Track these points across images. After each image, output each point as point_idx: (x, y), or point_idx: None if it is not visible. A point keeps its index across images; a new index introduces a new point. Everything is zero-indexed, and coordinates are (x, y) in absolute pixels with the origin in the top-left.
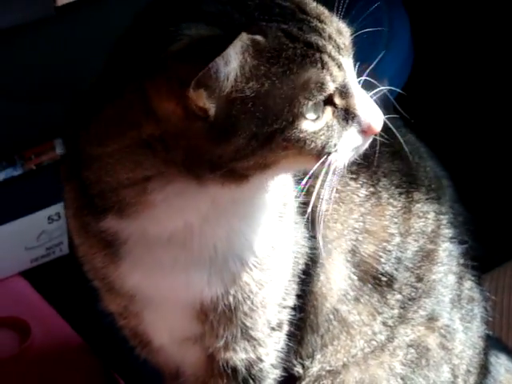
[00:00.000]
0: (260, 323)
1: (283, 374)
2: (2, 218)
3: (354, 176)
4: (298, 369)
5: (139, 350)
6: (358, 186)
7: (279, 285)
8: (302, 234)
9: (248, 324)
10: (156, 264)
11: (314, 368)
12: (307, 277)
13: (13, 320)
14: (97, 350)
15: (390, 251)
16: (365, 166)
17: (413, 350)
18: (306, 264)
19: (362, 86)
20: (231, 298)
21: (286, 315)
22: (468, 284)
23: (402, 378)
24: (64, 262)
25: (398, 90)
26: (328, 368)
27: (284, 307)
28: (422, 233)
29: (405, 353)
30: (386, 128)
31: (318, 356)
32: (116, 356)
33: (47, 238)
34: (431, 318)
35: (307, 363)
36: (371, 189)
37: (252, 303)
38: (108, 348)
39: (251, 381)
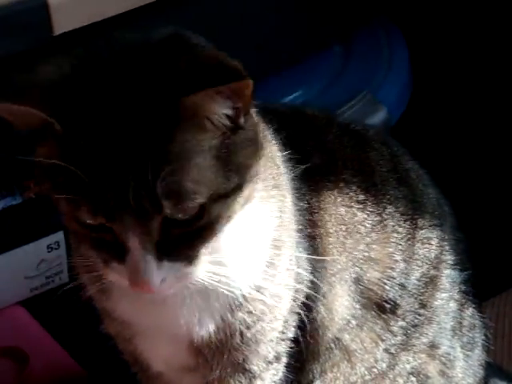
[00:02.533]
0: (255, 357)
1: None
2: (1, 246)
3: (361, 206)
4: None
5: (140, 376)
6: (365, 216)
7: (275, 319)
8: (303, 267)
9: (242, 358)
10: (144, 298)
11: None
12: (307, 308)
13: (12, 350)
14: (96, 379)
15: (394, 278)
16: (372, 194)
17: (413, 378)
18: (307, 297)
19: (363, 111)
20: (223, 335)
21: (284, 347)
22: (469, 311)
23: None
24: (64, 291)
25: (398, 115)
26: None
27: (283, 339)
28: (426, 259)
29: (405, 380)
30: (391, 154)
31: (317, 382)
32: None
33: (47, 266)
34: (432, 346)
35: None
36: (377, 218)
37: (245, 339)
38: (108, 377)
39: None
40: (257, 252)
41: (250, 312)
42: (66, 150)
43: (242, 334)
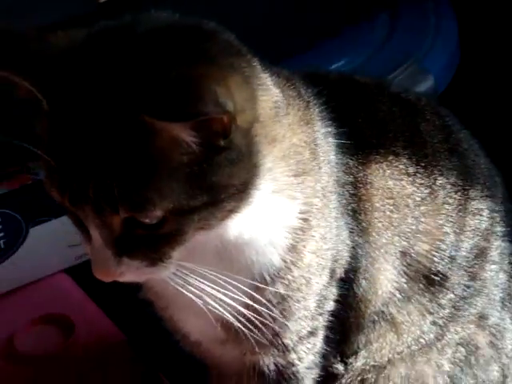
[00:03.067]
0: (286, 333)
1: (322, 373)
2: (45, 215)
3: (410, 179)
4: (339, 366)
5: (182, 343)
6: (415, 188)
7: (303, 299)
8: (344, 242)
9: (272, 334)
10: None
11: (358, 363)
12: (348, 283)
13: (57, 317)
14: (140, 347)
15: (443, 250)
16: (422, 166)
17: (462, 349)
18: (348, 271)
19: (409, 80)
20: (251, 312)
21: (322, 321)
22: None
23: (449, 377)
24: None
25: (445, 84)
26: (372, 363)
27: (320, 314)
28: (477, 230)
29: (453, 351)
30: (442, 124)
31: (362, 352)
32: (159, 354)
33: None
34: (481, 317)
35: (350, 360)
36: (427, 190)
37: (273, 317)
38: (151, 345)
39: (285, 383)
40: (274, 239)
41: (274, 292)
42: (49, 127)
43: (270, 311)
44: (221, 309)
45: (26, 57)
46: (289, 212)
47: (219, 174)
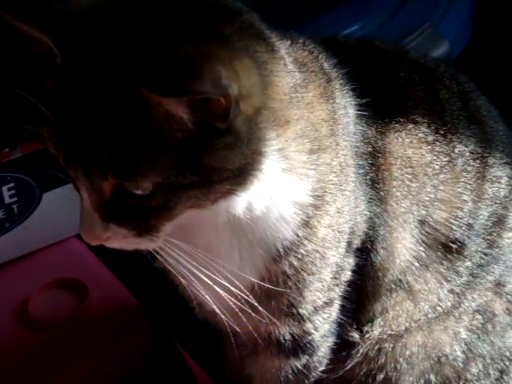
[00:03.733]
0: (302, 303)
1: (338, 341)
2: (59, 180)
3: (429, 147)
4: (355, 334)
5: (197, 311)
6: (434, 157)
7: (318, 272)
8: (362, 213)
9: (287, 304)
10: (193, 241)
11: (375, 331)
12: (366, 252)
13: (71, 281)
14: (154, 313)
15: (461, 218)
16: (441, 134)
17: (479, 316)
18: (364, 241)
19: (424, 46)
20: (267, 283)
21: (338, 292)
22: None
23: (466, 344)
24: None
25: (459, 50)
26: (389, 332)
27: (336, 285)
28: (495, 198)
29: (470, 318)
30: (461, 91)
31: (379, 320)
32: (173, 320)
33: None
34: (498, 284)
35: (366, 328)
36: (446, 158)
37: (288, 287)
38: (165, 312)
39: (300, 352)
40: (285, 215)
41: (289, 264)
42: (56, 83)
43: (285, 282)
44: (217, 288)
45: (47, 13)
46: (300, 190)
47: (213, 156)
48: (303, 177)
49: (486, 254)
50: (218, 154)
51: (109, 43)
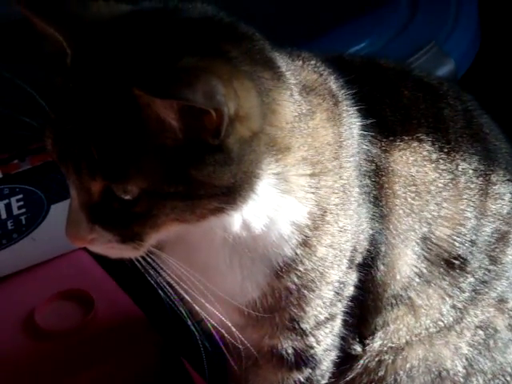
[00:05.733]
0: (303, 318)
1: (341, 354)
2: (67, 192)
3: (433, 165)
4: (357, 347)
5: (201, 325)
6: (437, 175)
7: (318, 289)
8: (364, 231)
9: (289, 319)
10: (190, 259)
11: (375, 344)
12: (367, 268)
13: (77, 292)
14: (159, 325)
15: (464, 234)
16: (445, 152)
17: (481, 332)
18: (365, 257)
19: (429, 64)
20: (269, 299)
21: (340, 307)
22: None
23: (467, 359)
24: None
25: (465, 68)
26: (390, 344)
27: (339, 300)
28: (498, 214)
29: (472, 334)
30: (465, 109)
31: (379, 333)
32: (178, 333)
33: None
34: (501, 300)
35: (368, 341)
36: (450, 176)
37: (292, 301)
38: (170, 325)
39: (303, 365)
40: (283, 234)
41: (291, 280)
42: (63, 82)
43: (287, 297)
44: (210, 306)
45: (66, 14)
46: (298, 211)
47: (201, 170)
48: (302, 199)
49: (489, 271)
50: (206, 168)
51: (116, 51)
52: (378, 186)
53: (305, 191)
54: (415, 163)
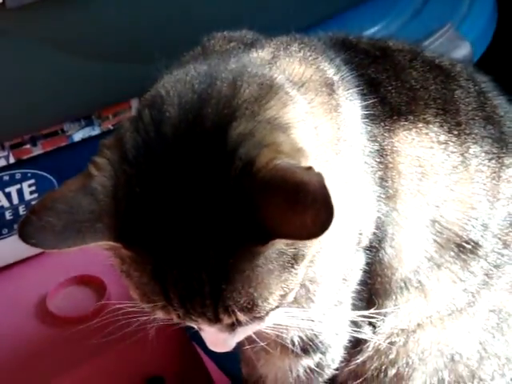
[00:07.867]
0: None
1: (351, 338)
2: None
3: (442, 147)
4: (367, 330)
5: None
6: (446, 157)
7: (333, 269)
8: (370, 211)
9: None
10: None
11: (386, 326)
12: (374, 251)
13: (90, 278)
14: None
15: (476, 218)
16: (455, 134)
17: (494, 316)
18: (372, 240)
19: (445, 47)
20: None
21: (347, 292)
22: None
23: (480, 343)
24: None
25: (481, 51)
26: (401, 327)
27: (346, 285)
28: (511, 198)
29: (485, 318)
30: (478, 91)
31: (390, 316)
32: None
33: None
34: None
35: (378, 323)
36: (459, 158)
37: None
38: None
39: (312, 351)
40: None
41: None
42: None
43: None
44: None
45: None
46: None
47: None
48: None
49: (502, 255)
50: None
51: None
52: (382, 166)
53: None
54: (421, 144)
